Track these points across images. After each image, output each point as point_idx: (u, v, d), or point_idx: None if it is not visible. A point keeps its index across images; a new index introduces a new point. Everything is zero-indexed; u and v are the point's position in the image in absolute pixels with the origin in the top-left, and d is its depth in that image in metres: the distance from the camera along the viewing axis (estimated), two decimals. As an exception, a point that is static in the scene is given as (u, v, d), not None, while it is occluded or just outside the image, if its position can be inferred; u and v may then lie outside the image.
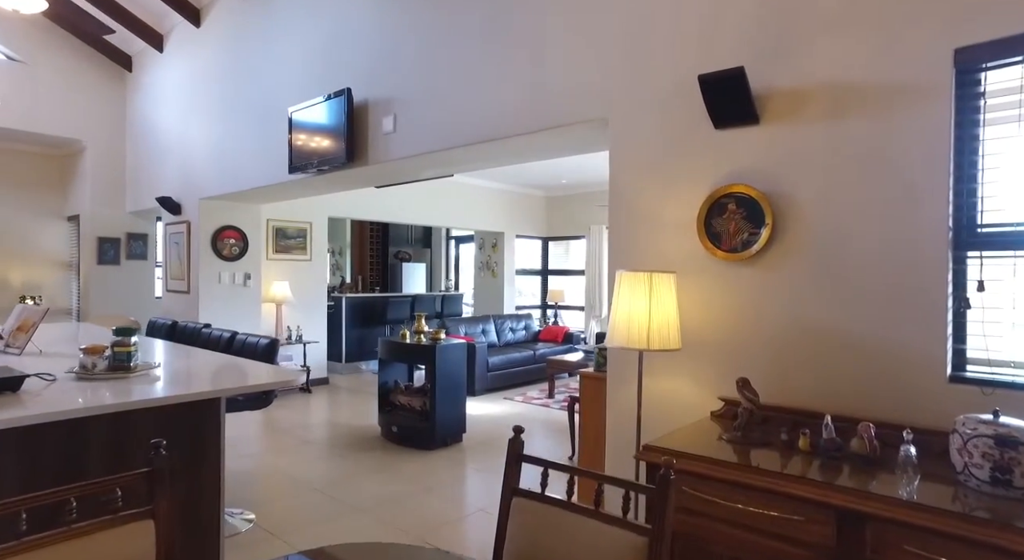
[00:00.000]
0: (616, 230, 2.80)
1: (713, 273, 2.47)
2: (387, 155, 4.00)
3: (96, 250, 7.33)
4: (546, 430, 5.52)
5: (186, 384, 2.38)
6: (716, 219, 2.44)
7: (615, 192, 2.81)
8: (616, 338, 2.29)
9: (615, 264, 2.78)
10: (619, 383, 2.77)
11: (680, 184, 2.57)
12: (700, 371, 2.49)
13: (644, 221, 2.69)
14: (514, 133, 3.24)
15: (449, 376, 4.91)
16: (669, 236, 2.60)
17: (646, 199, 2.68)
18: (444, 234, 11.90)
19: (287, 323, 7.03)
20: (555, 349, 8.08)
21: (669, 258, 2.60)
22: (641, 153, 2.70)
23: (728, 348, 2.41)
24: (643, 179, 2.69)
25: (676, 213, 2.58)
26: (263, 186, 5.19)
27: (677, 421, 2.50)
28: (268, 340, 3.34)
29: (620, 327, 2.28)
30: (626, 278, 2.30)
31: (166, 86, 6.67)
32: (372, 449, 4.80)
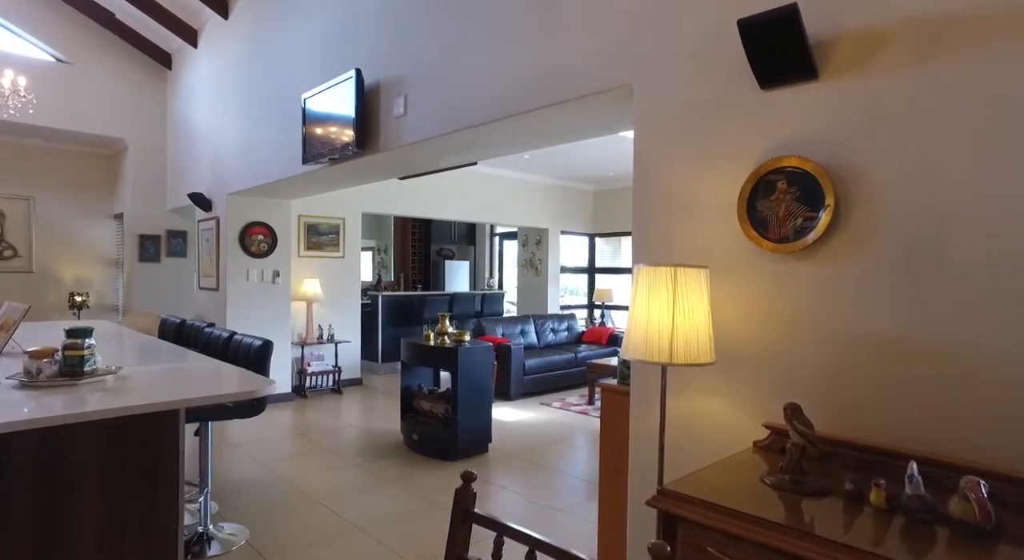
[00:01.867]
0: (641, 217, 2.35)
1: (757, 269, 1.98)
2: (399, 140, 3.66)
3: (137, 247, 7.39)
4: (583, 440, 5.07)
5: (142, 393, 2.10)
6: (762, 201, 1.95)
7: (640, 172, 2.35)
8: (632, 348, 1.84)
9: (639, 257, 2.32)
10: (643, 401, 2.32)
11: (717, 159, 2.09)
12: (740, 390, 2.01)
13: (673, 205, 2.22)
14: (528, 109, 2.83)
15: (473, 381, 4.54)
16: (703, 223, 2.13)
17: (676, 179, 2.21)
18: (488, 231, 11.58)
19: (318, 322, 6.85)
20: (598, 352, 7.59)
21: (703, 250, 2.13)
22: (670, 123, 2.24)
23: (776, 363, 1.92)
24: (673, 155, 2.23)
25: (712, 195, 2.10)
26: (282, 179, 4.97)
27: (711, 451, 2.02)
28: (261, 342, 3.06)
29: (637, 335, 1.83)
30: (645, 274, 1.85)
31: (200, 81, 6.61)
32: (390, 458, 4.50)
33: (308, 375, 6.67)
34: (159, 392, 2.14)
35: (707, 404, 2.09)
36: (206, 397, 2.07)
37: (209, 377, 2.49)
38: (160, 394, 2.10)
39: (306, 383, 6.65)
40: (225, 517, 3.37)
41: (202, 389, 2.22)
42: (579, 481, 4.09)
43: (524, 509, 3.61)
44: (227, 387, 2.23)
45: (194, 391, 2.17)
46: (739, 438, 1.97)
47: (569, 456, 4.67)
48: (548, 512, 3.56)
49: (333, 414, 5.88)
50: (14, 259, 7.24)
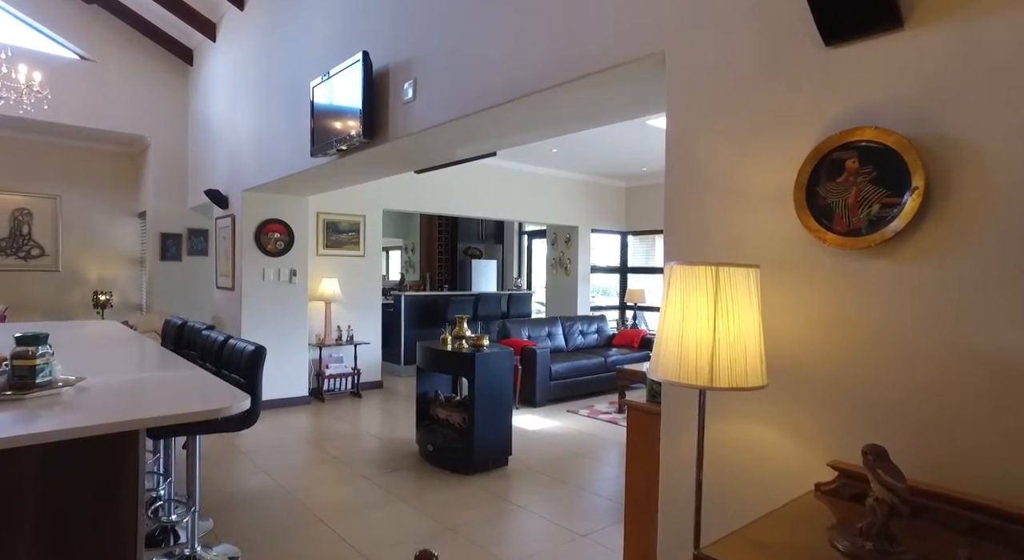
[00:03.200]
0: (674, 208, 1.98)
1: (820, 268, 1.60)
2: (408, 128, 3.36)
3: (159, 246, 7.31)
4: (612, 454, 4.69)
5: (97, 411, 1.84)
6: (825, 185, 1.57)
7: (673, 155, 1.99)
8: (662, 367, 1.49)
9: (672, 255, 1.96)
10: (675, 426, 1.95)
11: (768, 136, 1.71)
12: (799, 419, 1.63)
13: (713, 193, 1.85)
14: (545, 86, 2.48)
15: (491, 389, 4.22)
16: (750, 214, 1.75)
17: (717, 161, 1.84)
18: (516, 229, 11.25)
19: (337, 323, 6.64)
20: (630, 356, 7.18)
21: (750, 246, 1.75)
22: (709, 96, 1.86)
23: (848, 388, 1.54)
24: (712, 133, 1.85)
25: (761, 179, 1.73)
26: (293, 174, 4.74)
27: (760, 494, 1.65)
28: (253, 348, 2.80)
29: (668, 351, 1.48)
30: (679, 276, 1.49)
31: (218, 76, 6.45)
32: (404, 470, 4.21)
33: (326, 378, 6.46)
34: (118, 409, 1.87)
35: (755, 433, 1.72)
36: (166, 416, 1.79)
37: (183, 391, 2.22)
38: (118, 411, 1.83)
39: (324, 386, 6.43)
40: (219, 536, 3.12)
41: (169, 405, 1.95)
42: (605, 501, 3.72)
43: (543, 533, 3.27)
44: (195, 404, 1.95)
45: (158, 408, 1.90)
46: (797, 478, 1.59)
47: (595, 472, 4.30)
48: (569, 537, 3.21)
49: (349, 420, 5.64)
50: (41, 258, 7.23)
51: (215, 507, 3.47)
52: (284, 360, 6.03)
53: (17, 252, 7.08)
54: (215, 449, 4.53)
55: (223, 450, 4.52)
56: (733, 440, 1.77)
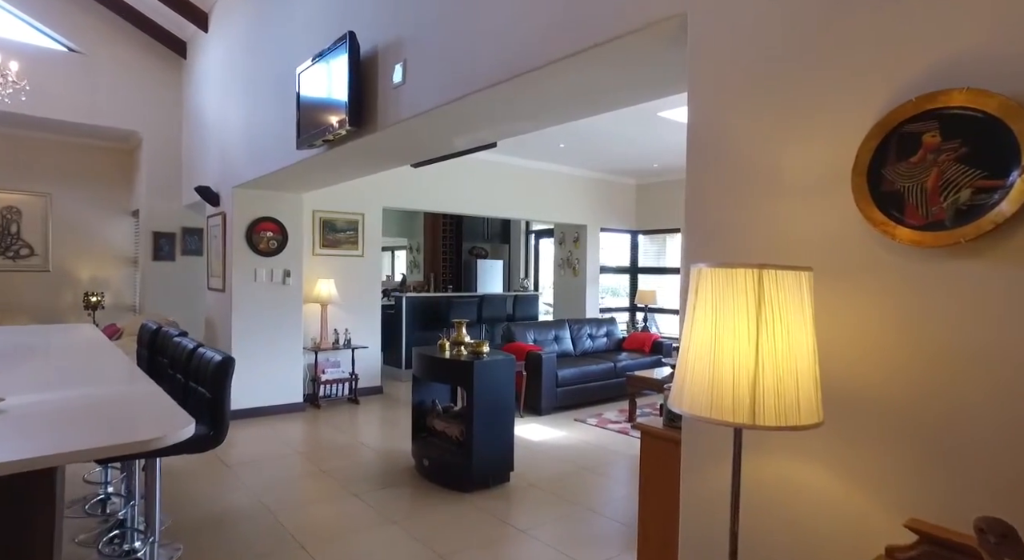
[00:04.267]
0: (696, 200, 1.66)
1: (887, 271, 1.27)
2: (398, 114, 3.06)
3: (152, 245, 7.05)
4: (622, 469, 4.36)
5: (8, 442, 1.55)
6: (894, 166, 1.24)
7: (695, 137, 1.66)
8: (690, 398, 1.17)
9: (695, 254, 1.63)
10: (698, 462, 1.63)
11: (816, 108, 1.38)
12: (860, 461, 1.30)
13: (744, 181, 1.52)
14: (546, 61, 2.17)
15: (492, 400, 3.90)
16: (791, 205, 1.43)
17: (748, 143, 1.51)
18: (523, 228, 10.92)
19: (334, 326, 6.35)
20: (640, 361, 6.84)
21: (791, 245, 1.43)
22: (741, 62, 1.54)
23: (931, 425, 1.21)
24: (743, 109, 1.53)
25: (806, 163, 1.40)
26: (282, 168, 4.45)
27: (810, 554, 1.32)
28: (220, 359, 2.50)
29: (697, 377, 1.16)
30: (709, 281, 1.17)
31: (210, 68, 6.19)
32: (396, 487, 3.90)
33: (322, 383, 6.17)
34: (29, 440, 1.58)
35: (802, 476, 1.39)
36: (83, 451, 1.48)
37: (119, 414, 1.92)
38: (32, 442, 1.54)
39: (319, 392, 6.15)
40: (188, 564, 2.83)
41: (93, 435, 1.65)
42: (615, 525, 3.39)
43: (546, 563, 2.95)
44: (121, 434, 1.64)
45: (79, 439, 1.59)
46: (859, 537, 1.27)
47: (605, 490, 3.97)
48: (575, 569, 2.89)
49: (344, 428, 5.34)
50: (30, 258, 7.00)
51: (187, 530, 3.18)
52: (277, 365, 5.75)
53: (5, 252, 6.85)
54: (195, 462, 4.25)
55: (204, 463, 4.24)
56: (772, 483, 1.44)
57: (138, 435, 1.59)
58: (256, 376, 5.62)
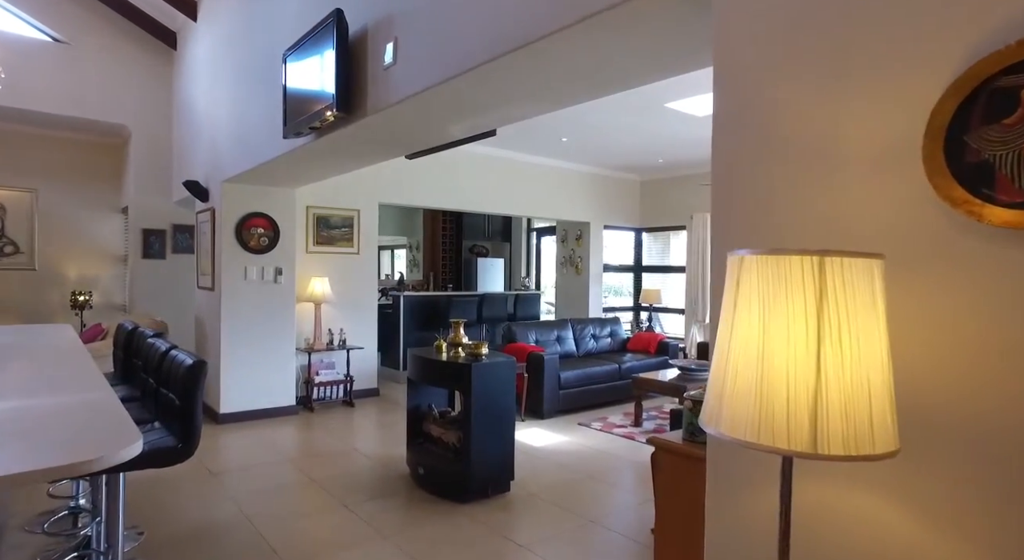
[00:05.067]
0: (724, 178, 1.42)
1: (972, 260, 1.03)
2: (388, 97, 2.82)
3: (141, 243, 6.83)
4: (628, 478, 4.13)
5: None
6: (982, 131, 1.01)
7: (724, 104, 1.43)
8: (729, 417, 0.93)
9: (723, 242, 1.40)
10: (731, 489, 1.39)
11: (875, 63, 1.15)
12: (941, 495, 1.06)
13: (784, 155, 1.29)
14: (552, 29, 1.93)
15: (491, 405, 3.67)
16: (845, 181, 1.19)
17: (789, 109, 1.28)
18: (525, 226, 10.69)
19: (328, 326, 6.12)
20: (646, 362, 6.61)
21: (845, 228, 1.19)
22: (780, 12, 1.30)
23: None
24: (783, 68, 1.29)
25: (863, 130, 1.16)
26: (270, 160, 4.22)
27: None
28: (192, 362, 2.27)
29: (739, 392, 0.92)
30: (754, 271, 0.93)
31: (199, 58, 5.96)
32: (390, 497, 3.67)
33: (315, 385, 5.94)
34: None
35: (865, 509, 1.15)
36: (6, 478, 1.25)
37: (57, 429, 1.68)
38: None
39: (313, 394, 5.92)
40: (159, 586, 2.60)
41: (30, 455, 1.42)
42: (622, 539, 3.16)
43: (549, 584, 2.72)
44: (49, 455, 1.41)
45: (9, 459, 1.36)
46: (934, 588, 1.03)
47: (611, 500, 3.74)
48: (581, 590, 2.66)
49: (338, 433, 5.11)
50: (15, 256, 6.78)
51: (162, 546, 2.95)
52: (269, 367, 5.53)
53: (-10, 249, 6.63)
54: (178, 469, 4.02)
55: (187, 471, 4.01)
56: (824, 516, 1.20)
57: (74, 456, 1.36)
58: (247, 378, 5.40)
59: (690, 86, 4.85)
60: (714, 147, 1.46)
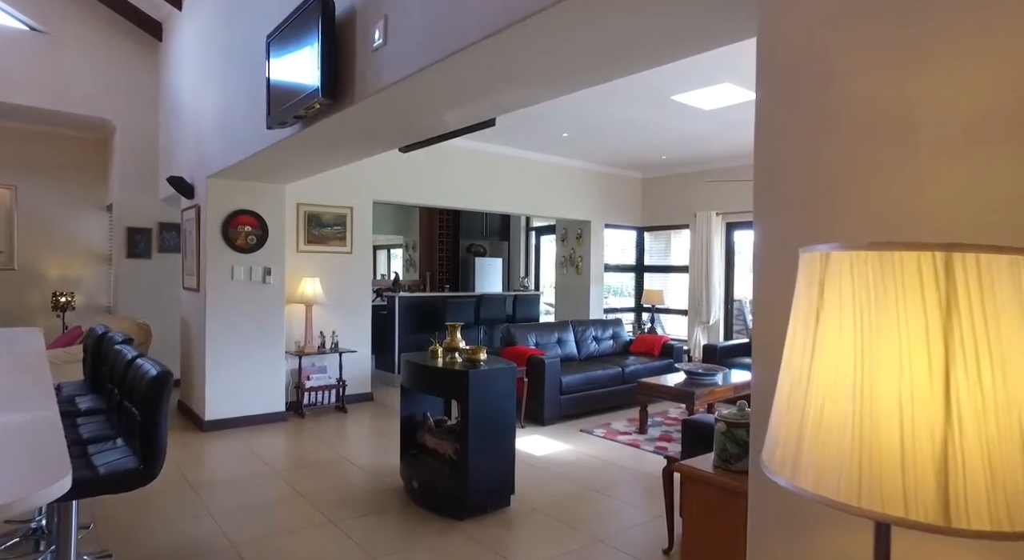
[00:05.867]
0: (770, 157, 1.19)
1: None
2: (378, 81, 2.58)
3: (125, 242, 6.57)
4: (635, 489, 3.89)
5: None
6: None
7: (769, 63, 1.19)
8: (814, 468, 0.70)
9: (771, 236, 1.16)
10: (783, 533, 1.15)
11: (976, 14, 0.91)
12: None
13: (851, 128, 1.05)
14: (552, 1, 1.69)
15: (489, 414, 3.44)
16: (934, 160, 0.96)
17: (862, 67, 1.04)
18: (523, 224, 10.45)
19: (319, 328, 5.87)
20: (650, 365, 6.37)
21: (936, 218, 0.96)
22: (850, -45, 1.07)
23: None
24: (850, 26, 1.06)
25: (957, 99, 0.93)
26: (255, 154, 3.98)
27: None
28: (156, 372, 2.03)
29: (827, 436, 0.69)
30: (848, 272, 0.69)
31: (184, 49, 5.71)
32: (381, 513, 3.43)
33: (306, 390, 5.70)
34: None
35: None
36: None
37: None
38: None
39: (304, 400, 5.67)
40: (124, 618, 2.36)
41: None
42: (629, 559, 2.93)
43: (554, 614, 2.48)
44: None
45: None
46: None
47: (617, 516, 3.51)
48: (589, 622, 2.42)
49: (329, 441, 4.87)
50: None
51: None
52: (257, 371, 5.28)
53: (-33, 249, 6.37)
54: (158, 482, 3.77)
55: (166, 483, 3.76)
56: None
57: (-16, 495, 1.11)
58: (233, 383, 5.15)
59: (699, 77, 4.62)
60: (758, 126, 1.22)
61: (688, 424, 3.22)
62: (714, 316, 7.97)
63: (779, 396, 0.80)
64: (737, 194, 7.60)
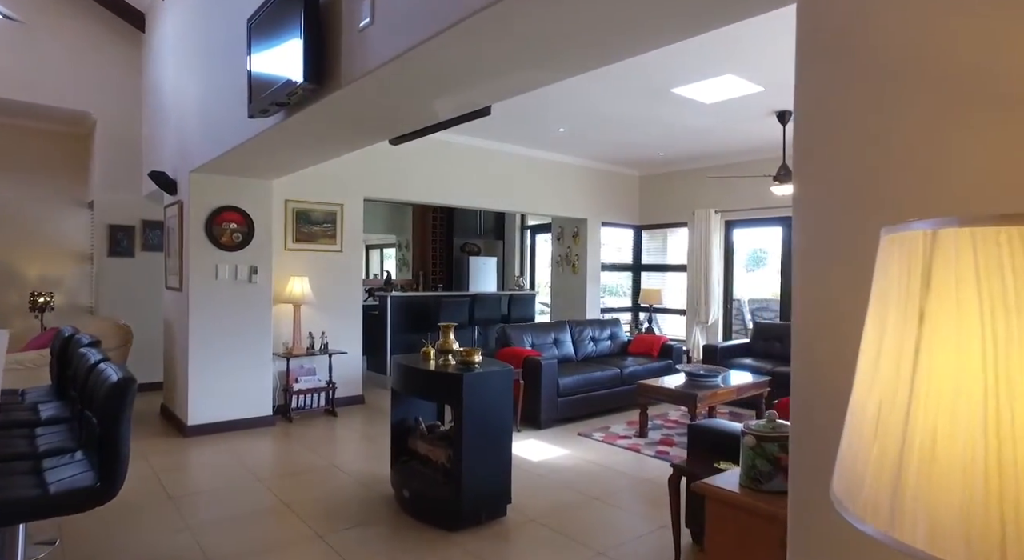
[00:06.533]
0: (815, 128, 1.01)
1: None
2: (365, 64, 2.40)
3: (107, 240, 6.35)
4: (636, 495, 3.72)
5: None
6: None
7: (811, 16, 1.02)
8: (920, 516, 0.52)
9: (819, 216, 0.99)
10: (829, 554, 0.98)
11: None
12: None
13: (927, 95, 0.88)
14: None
15: (484, 420, 3.26)
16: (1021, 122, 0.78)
17: (934, 32, 0.87)
18: (519, 223, 10.28)
19: (308, 329, 5.67)
20: (649, 366, 6.21)
21: None
22: None
23: None
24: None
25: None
26: (236, 146, 3.78)
27: None
28: (117, 379, 1.83)
29: (944, 477, 0.51)
30: (963, 254, 0.52)
31: (168, 39, 5.50)
32: (370, 525, 3.24)
33: (294, 393, 5.50)
34: None
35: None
36: None
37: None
38: None
39: (292, 403, 5.47)
40: (87, 647, 2.16)
41: None
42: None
43: (555, 637, 2.31)
44: None
45: None
46: None
47: (620, 526, 3.33)
48: (593, 645, 2.25)
49: (317, 447, 4.67)
50: (-30, 254, 6.28)
51: (99, 592, 2.51)
52: (242, 374, 5.08)
53: (-59, 247, 6.13)
54: (133, 493, 3.58)
55: (142, 494, 3.56)
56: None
57: None
58: (218, 387, 4.95)
59: (701, 69, 4.46)
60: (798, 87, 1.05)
61: (695, 429, 3.06)
62: (713, 316, 7.82)
63: (858, 416, 0.62)
64: (736, 191, 7.46)
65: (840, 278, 1.00)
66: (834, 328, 1.02)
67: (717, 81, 4.70)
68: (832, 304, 1.02)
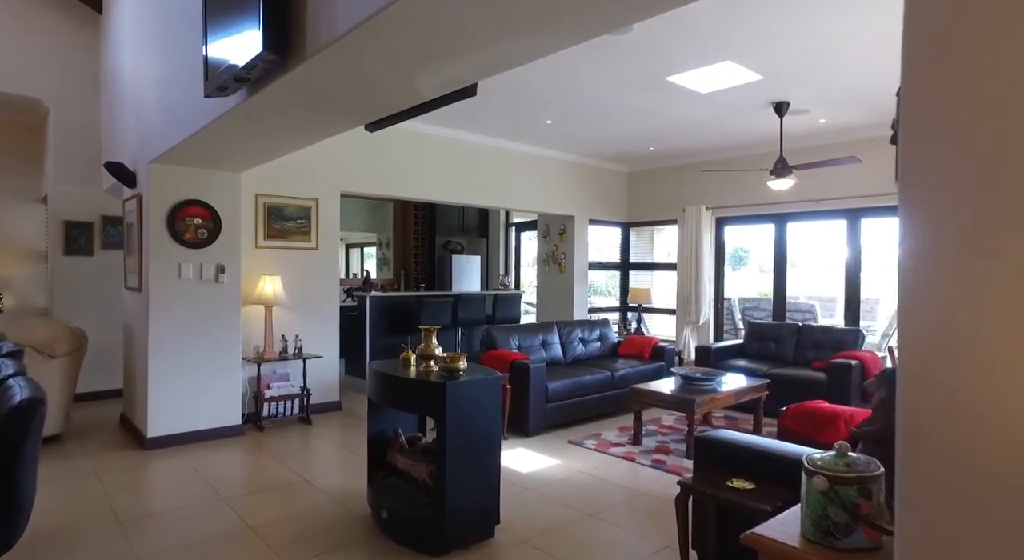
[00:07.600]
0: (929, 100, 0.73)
1: None
2: (333, 29, 2.08)
3: (63, 237, 5.92)
4: (634, 510, 3.44)
5: None
6: None
7: None
8: None
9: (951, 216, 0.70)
10: None
11: None
12: None
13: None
14: None
15: (470, 434, 2.95)
16: None
17: None
18: (503, 220, 9.98)
19: (281, 332, 5.31)
20: (641, 369, 5.95)
21: None
22: None
23: None
24: None
25: None
26: (197, 132, 3.43)
27: None
28: (19, 400, 1.50)
29: None
30: None
31: (126, 18, 5.10)
32: (344, 550, 2.92)
33: (266, 401, 5.14)
34: None
35: None
36: None
37: None
38: None
39: (263, 411, 5.11)
40: None
41: None
42: (642, 607, 2.47)
43: None
44: None
45: None
46: None
47: (619, 547, 3.04)
48: None
49: (288, 459, 4.32)
50: (-87, 252, 5.82)
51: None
52: (208, 380, 4.71)
53: None
54: (78, 516, 3.21)
55: (88, 518, 3.19)
56: None
57: None
58: (181, 394, 4.58)
59: (698, 55, 4.20)
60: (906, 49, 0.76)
61: (702, 442, 2.79)
62: (704, 316, 7.60)
63: None
64: (728, 187, 7.25)
65: (970, 282, 0.72)
66: (951, 339, 0.74)
67: (715, 68, 4.45)
68: (951, 313, 0.74)
